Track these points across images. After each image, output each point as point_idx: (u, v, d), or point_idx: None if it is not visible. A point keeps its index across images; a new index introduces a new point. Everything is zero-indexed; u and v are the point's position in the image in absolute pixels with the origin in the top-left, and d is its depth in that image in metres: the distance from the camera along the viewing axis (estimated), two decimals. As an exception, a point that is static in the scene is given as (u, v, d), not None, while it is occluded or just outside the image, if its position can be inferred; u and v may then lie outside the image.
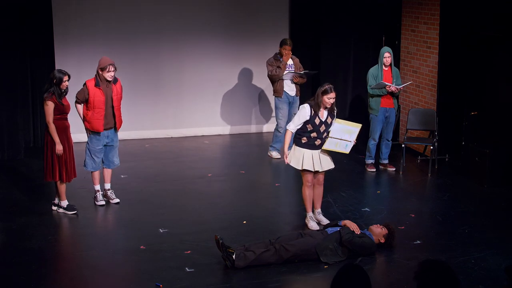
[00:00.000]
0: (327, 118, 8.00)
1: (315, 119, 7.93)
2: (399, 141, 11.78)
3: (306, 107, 7.95)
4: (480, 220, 8.49)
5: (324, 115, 7.99)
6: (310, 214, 8.24)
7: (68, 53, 11.89)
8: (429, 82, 11.30)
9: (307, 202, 8.19)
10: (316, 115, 7.93)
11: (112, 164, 9.06)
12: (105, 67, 8.58)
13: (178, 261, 7.20)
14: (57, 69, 8.50)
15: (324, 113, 7.99)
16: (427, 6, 11.22)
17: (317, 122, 7.94)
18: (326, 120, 7.99)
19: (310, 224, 8.18)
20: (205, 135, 12.92)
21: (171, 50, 12.57)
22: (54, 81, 8.28)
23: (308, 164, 7.99)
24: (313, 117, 7.92)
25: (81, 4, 11.98)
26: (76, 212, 8.65)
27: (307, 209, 8.23)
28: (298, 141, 8.05)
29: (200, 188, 9.76)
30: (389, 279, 6.91)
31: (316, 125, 7.94)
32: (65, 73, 8.34)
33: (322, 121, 7.96)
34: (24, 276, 6.84)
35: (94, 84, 8.63)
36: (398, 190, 9.98)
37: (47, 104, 8.28)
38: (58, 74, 8.31)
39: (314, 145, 8.02)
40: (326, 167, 8.13)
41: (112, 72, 8.62)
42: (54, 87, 8.28)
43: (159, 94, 12.67)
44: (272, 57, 11.10)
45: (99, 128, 8.69)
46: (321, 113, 7.96)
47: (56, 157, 8.39)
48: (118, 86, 8.82)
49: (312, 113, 7.92)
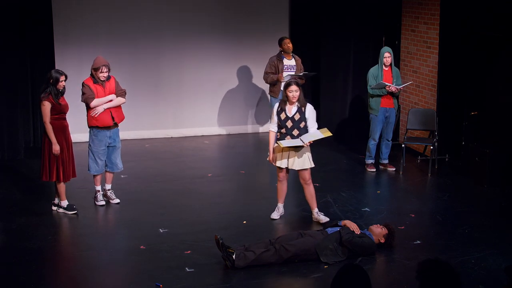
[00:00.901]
0: (295, 114, 8.11)
1: (281, 114, 8.13)
2: (399, 141, 11.78)
3: (275, 103, 8.32)
4: (480, 220, 8.49)
5: (292, 111, 8.12)
6: (278, 204, 8.53)
7: (68, 53, 11.89)
8: (429, 82, 11.30)
9: (277, 193, 8.52)
10: (283, 111, 8.13)
11: (116, 167, 9.04)
12: (98, 67, 8.63)
13: (178, 261, 7.20)
14: (54, 69, 8.50)
15: (293, 109, 8.12)
16: (427, 6, 11.22)
17: (283, 117, 8.12)
18: (294, 116, 8.11)
19: (273, 214, 8.52)
20: (205, 135, 12.92)
21: (171, 51, 12.58)
22: (51, 81, 8.29)
23: (279, 161, 8.21)
24: (279, 112, 8.14)
25: (81, 4, 11.98)
26: (76, 212, 8.65)
27: (278, 199, 8.53)
28: (278, 138, 8.24)
29: (200, 188, 9.77)
30: (389, 279, 6.90)
31: (282, 120, 8.12)
32: (61, 73, 8.35)
33: (288, 116, 8.11)
34: (24, 276, 6.84)
35: (93, 82, 8.68)
36: (398, 190, 9.98)
37: (43, 104, 8.29)
38: (54, 74, 8.32)
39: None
40: (297, 166, 8.19)
41: (105, 73, 8.66)
42: (51, 87, 8.28)
43: (159, 94, 12.68)
44: (275, 56, 11.06)
45: (109, 122, 8.73)
46: (288, 109, 8.12)
47: (53, 157, 8.39)
48: (112, 82, 8.83)
49: (279, 109, 8.15)
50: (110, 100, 8.73)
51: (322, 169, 10.68)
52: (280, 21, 12.93)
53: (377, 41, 12.33)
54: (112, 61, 9.03)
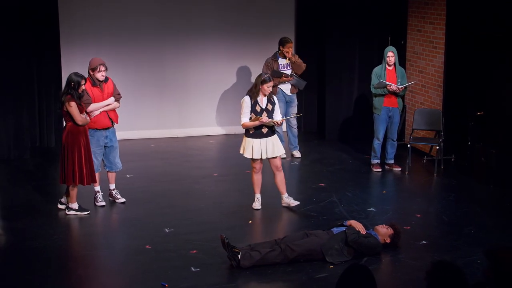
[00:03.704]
0: (267, 105, 8.59)
1: (256, 107, 8.53)
2: (404, 141, 11.76)
3: (246, 98, 8.57)
4: (486, 220, 8.47)
5: (264, 103, 8.58)
6: (257, 195, 8.84)
7: (74, 53, 11.89)
8: (435, 82, 11.27)
9: (254, 185, 8.81)
10: (256, 103, 8.54)
11: (115, 166, 9.05)
12: (95, 67, 8.65)
13: (184, 260, 7.20)
14: (73, 73, 8.42)
15: (264, 100, 8.59)
16: (433, 6, 11.20)
17: (258, 109, 8.53)
18: (267, 107, 8.59)
19: (254, 204, 8.82)
20: (210, 134, 12.92)
21: (177, 50, 12.58)
22: (72, 84, 8.28)
23: (257, 153, 8.57)
24: (254, 106, 8.53)
25: (86, 4, 11.99)
26: (89, 212, 8.64)
27: (255, 191, 8.82)
28: (247, 132, 8.63)
29: (205, 188, 9.77)
30: (395, 279, 6.90)
31: (258, 112, 8.51)
32: (82, 76, 8.35)
33: (262, 108, 8.56)
34: (29, 275, 6.85)
35: (92, 84, 8.69)
36: (404, 190, 9.96)
37: (70, 106, 8.24)
38: (76, 78, 8.30)
39: (262, 134, 8.59)
40: (276, 153, 8.65)
41: (103, 71, 8.68)
42: (73, 90, 8.28)
43: (165, 94, 12.68)
44: (270, 57, 11.09)
45: (107, 123, 8.75)
46: (260, 101, 8.56)
47: (71, 160, 8.35)
48: (110, 85, 8.84)
49: (252, 101, 8.52)
50: (108, 104, 8.76)
51: (327, 169, 10.69)
52: (286, 21, 12.92)
53: (383, 41, 12.30)
54: (117, 61, 9.10)
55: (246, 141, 8.64)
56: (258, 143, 8.55)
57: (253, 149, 8.55)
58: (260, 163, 8.70)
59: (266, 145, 8.57)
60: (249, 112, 8.51)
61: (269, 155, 8.61)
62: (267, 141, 8.59)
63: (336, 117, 12.53)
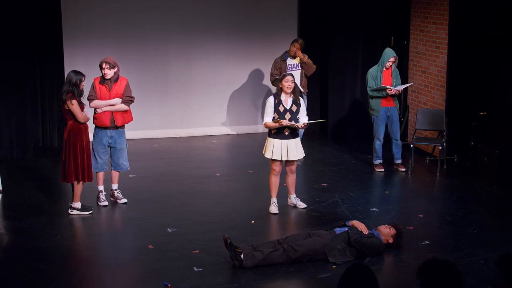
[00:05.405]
0: (291, 106, 8.45)
1: (279, 106, 8.43)
2: (407, 141, 11.75)
3: (270, 98, 8.53)
4: (489, 221, 8.47)
5: (289, 103, 8.44)
6: (273, 199, 8.70)
7: (77, 52, 11.91)
8: (438, 82, 11.27)
9: (272, 188, 8.69)
10: (280, 103, 8.43)
11: (119, 167, 9.04)
12: (100, 65, 8.70)
13: (186, 260, 7.21)
14: (72, 71, 8.43)
15: (289, 101, 8.45)
16: (436, 6, 11.19)
17: (282, 109, 8.42)
18: (291, 108, 8.46)
19: (271, 208, 8.68)
20: (213, 134, 12.92)
21: (180, 50, 12.59)
22: (74, 81, 8.28)
23: (277, 154, 8.46)
24: (277, 105, 8.44)
25: (89, 3, 12.00)
26: (92, 211, 8.65)
27: (272, 194, 8.70)
28: (270, 132, 8.56)
29: (208, 188, 9.77)
30: (397, 280, 6.89)
31: (281, 112, 8.41)
32: (82, 74, 8.37)
33: (286, 109, 8.44)
34: (32, 275, 6.86)
35: (99, 81, 8.73)
36: (407, 190, 9.96)
37: (72, 104, 8.25)
38: (76, 75, 8.31)
39: (284, 135, 8.46)
40: (295, 157, 8.54)
41: (107, 69, 8.66)
42: (74, 88, 8.28)
43: (168, 94, 12.69)
44: (279, 58, 11.12)
45: (106, 123, 8.73)
46: (285, 101, 8.44)
47: (73, 158, 8.36)
48: (121, 85, 8.80)
49: (276, 101, 8.42)
50: (112, 105, 8.76)
51: (330, 169, 10.69)
52: (289, 21, 12.92)
53: (385, 41, 12.30)
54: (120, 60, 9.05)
55: (268, 141, 8.58)
56: (278, 143, 8.45)
57: (273, 149, 8.48)
58: (279, 165, 8.59)
59: (287, 147, 8.46)
60: (272, 111, 8.43)
61: (289, 157, 8.51)
62: (288, 143, 8.47)
63: (339, 117, 12.53)
